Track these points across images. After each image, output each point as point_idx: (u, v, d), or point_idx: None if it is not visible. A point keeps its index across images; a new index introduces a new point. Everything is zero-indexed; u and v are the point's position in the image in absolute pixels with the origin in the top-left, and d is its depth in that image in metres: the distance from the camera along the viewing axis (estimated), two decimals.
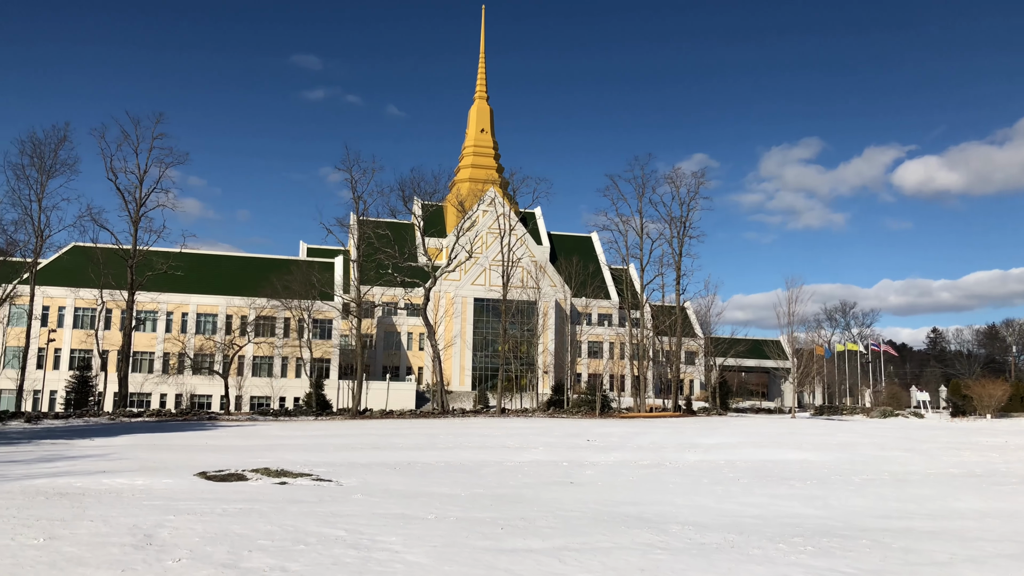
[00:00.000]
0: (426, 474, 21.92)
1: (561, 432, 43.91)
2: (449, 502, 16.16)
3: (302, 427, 49.90)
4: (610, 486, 19.50)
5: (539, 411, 71.99)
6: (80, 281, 76.43)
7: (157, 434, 41.77)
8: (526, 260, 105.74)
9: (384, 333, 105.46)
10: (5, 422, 55.03)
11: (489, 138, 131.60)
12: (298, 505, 15.45)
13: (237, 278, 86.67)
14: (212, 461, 24.96)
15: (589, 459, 27.31)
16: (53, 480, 19.32)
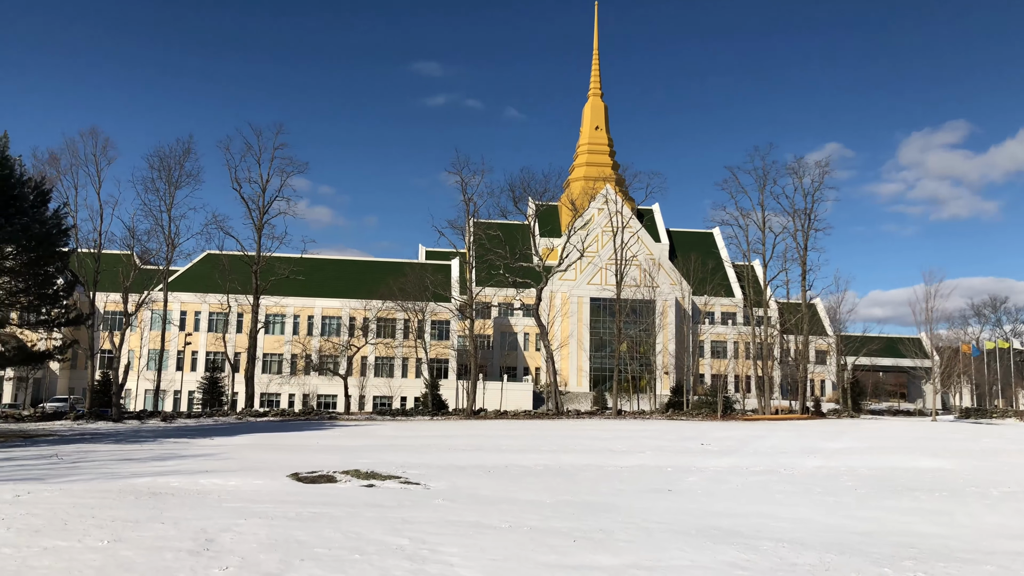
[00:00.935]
0: (519, 478, 21.15)
1: (675, 435, 42.25)
2: (531, 509, 15.30)
3: (415, 427, 50.25)
4: (710, 495, 18.12)
5: (657, 413, 70.08)
6: (211, 287, 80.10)
7: (275, 434, 42.94)
8: (643, 258, 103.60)
9: (500, 334, 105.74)
10: (144, 420, 58.24)
11: (604, 135, 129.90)
12: (374, 510, 14.97)
13: (356, 281, 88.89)
14: (313, 461, 25.07)
15: (697, 464, 25.82)
16: (154, 480, 19.71)
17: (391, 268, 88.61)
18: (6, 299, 40.84)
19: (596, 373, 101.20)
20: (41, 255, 42.66)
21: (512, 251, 74.85)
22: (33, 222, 40.43)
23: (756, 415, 67.65)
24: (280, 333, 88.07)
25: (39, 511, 14.12)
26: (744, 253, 77.05)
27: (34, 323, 43.67)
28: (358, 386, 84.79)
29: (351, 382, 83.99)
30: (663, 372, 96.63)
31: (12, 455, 28.36)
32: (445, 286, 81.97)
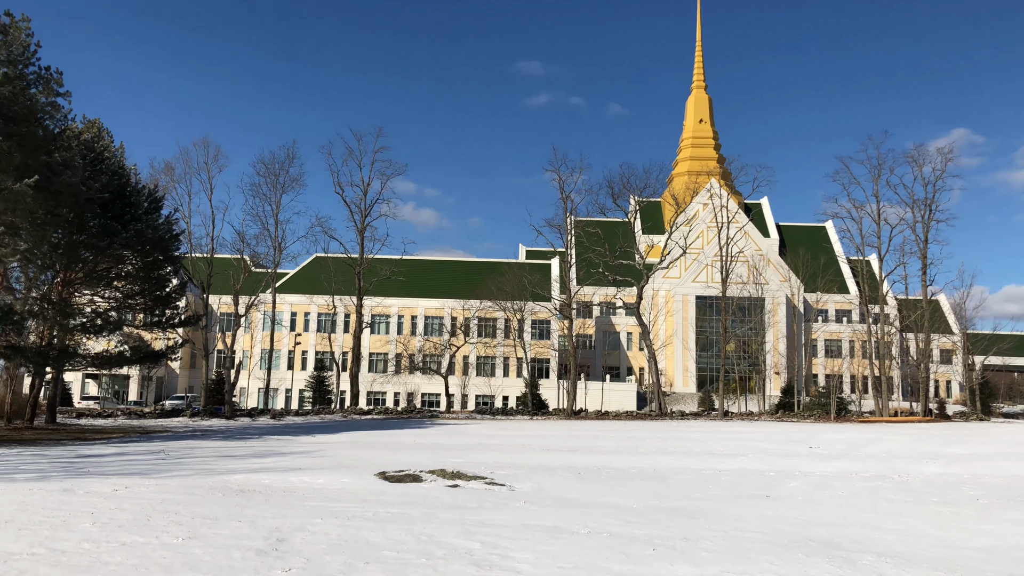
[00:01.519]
0: (610, 481, 20.42)
1: (782, 438, 40.45)
2: (614, 514, 14.60)
3: (512, 427, 50.02)
4: (811, 502, 16.92)
5: (766, 415, 67.58)
6: (318, 289, 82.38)
7: (374, 432, 43.51)
8: (751, 253, 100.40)
9: (602, 333, 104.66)
10: (254, 418, 60.31)
11: (708, 128, 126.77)
12: (453, 511, 14.61)
13: (457, 281, 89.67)
14: (404, 460, 25.04)
15: (802, 469, 24.40)
16: (247, 477, 20.01)
17: (490, 268, 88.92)
18: (123, 302, 42.93)
19: (702, 373, 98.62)
20: (155, 259, 44.71)
21: (612, 249, 73.71)
22: (146, 228, 42.36)
23: (873, 417, 64.20)
24: (384, 333, 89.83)
25: (128, 506, 14.43)
26: (858, 247, 73.33)
27: (148, 324, 45.77)
28: (460, 385, 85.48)
29: (453, 381, 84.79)
30: (773, 372, 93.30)
31: (125, 450, 29.62)
32: (544, 285, 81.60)
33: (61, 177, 36.26)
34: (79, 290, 43.00)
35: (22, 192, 32.64)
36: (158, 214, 45.08)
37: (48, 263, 38.08)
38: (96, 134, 47.02)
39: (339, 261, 72.15)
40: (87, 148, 43.32)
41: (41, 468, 22.01)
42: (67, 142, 40.12)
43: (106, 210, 42.74)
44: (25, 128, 35.88)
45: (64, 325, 38.85)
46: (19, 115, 35.42)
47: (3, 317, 32.63)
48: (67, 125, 43.79)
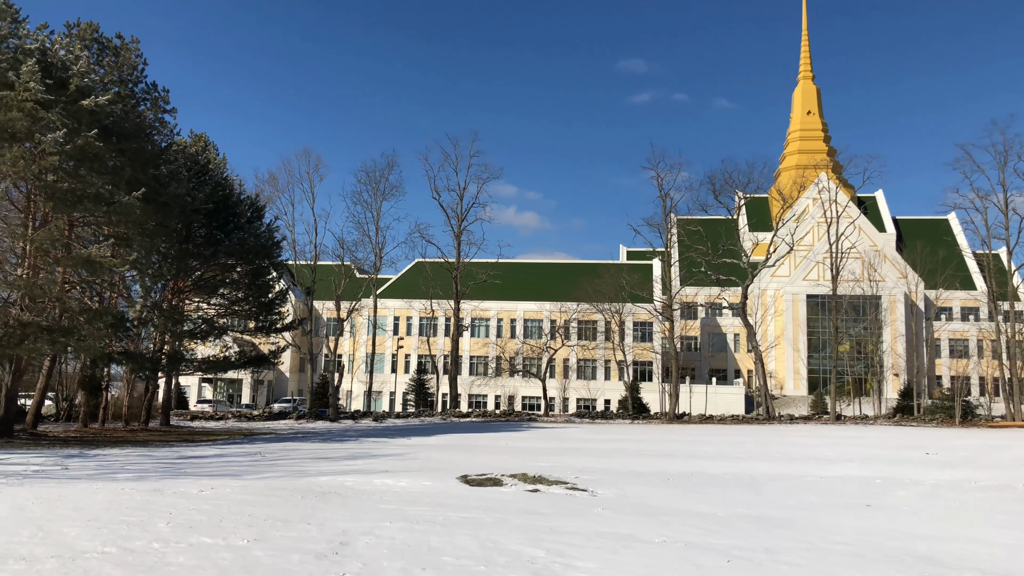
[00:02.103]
0: (699, 487, 19.52)
1: (897, 443, 38.11)
2: (696, 522, 13.81)
3: (610, 431, 49.15)
4: (916, 513, 15.60)
5: (882, 418, 64.11)
6: (420, 293, 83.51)
7: (469, 434, 43.58)
8: (865, 249, 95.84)
9: (708, 334, 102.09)
10: (357, 420, 61.56)
11: (816, 120, 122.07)
12: (526, 516, 14.16)
13: (555, 284, 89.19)
14: (491, 463, 24.77)
15: (913, 477, 22.73)
16: (332, 479, 20.13)
17: (587, 269, 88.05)
18: (229, 308, 44.51)
19: (814, 376, 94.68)
20: (258, 266, 46.21)
21: (715, 247, 71.68)
22: (248, 236, 43.83)
23: (1004, 422, 59.88)
24: (484, 336, 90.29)
25: (207, 507, 14.62)
26: (983, 240, 68.66)
27: (253, 329, 47.31)
28: (560, 388, 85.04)
29: (553, 384, 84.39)
30: (891, 374, 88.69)
31: (225, 452, 30.54)
32: (645, 287, 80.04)
33: (167, 189, 37.90)
34: (188, 298, 44.85)
35: (131, 204, 34.21)
36: (260, 223, 46.61)
37: (158, 272, 39.86)
38: (202, 148, 49.04)
39: (438, 266, 72.98)
40: (192, 161, 45.21)
41: (143, 468, 22.83)
42: (173, 156, 41.96)
43: (211, 220, 44.51)
44: (135, 144, 37.69)
45: (174, 331, 40.61)
46: (129, 131, 37.23)
47: (117, 325, 34.27)
48: (175, 140, 45.89)
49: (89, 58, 37.51)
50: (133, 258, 34.34)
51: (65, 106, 33.82)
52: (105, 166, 36.47)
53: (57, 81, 34.62)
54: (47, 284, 33.73)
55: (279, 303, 48.05)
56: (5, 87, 32.81)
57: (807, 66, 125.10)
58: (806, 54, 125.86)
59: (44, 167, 32.94)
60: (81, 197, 34.58)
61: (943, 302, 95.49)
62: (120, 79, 39.96)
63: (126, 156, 38.25)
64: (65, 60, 35.38)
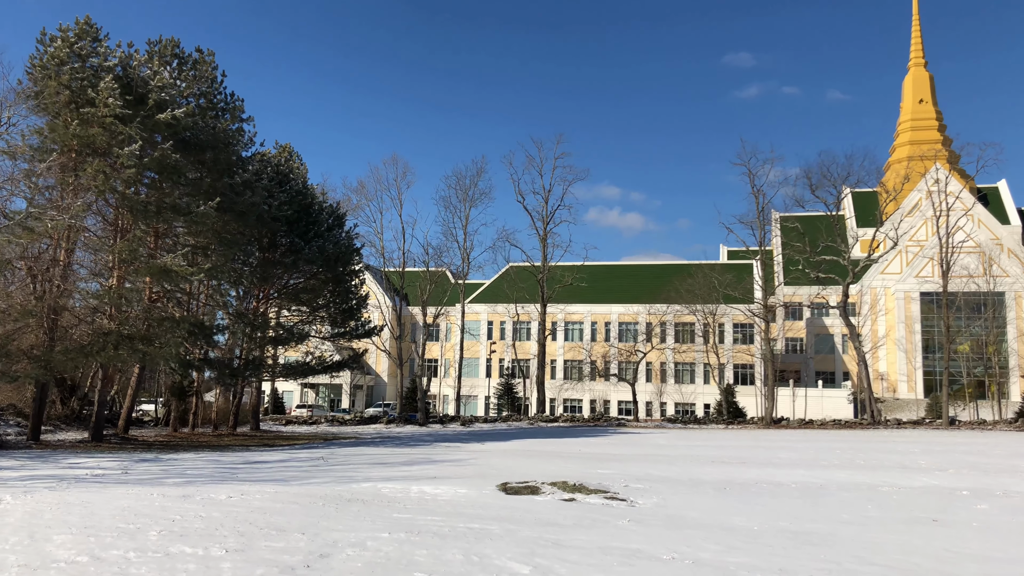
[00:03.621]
0: (754, 497, 18.08)
1: (1007, 451, 34.98)
2: (721, 537, 12.59)
3: (698, 436, 47.31)
4: (988, 530, 13.81)
5: (1003, 423, 59.46)
6: (511, 298, 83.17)
7: (548, 439, 42.70)
8: (985, 242, 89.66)
9: (814, 336, 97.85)
10: (445, 424, 61.70)
11: (930, 108, 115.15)
12: (539, 528, 13.28)
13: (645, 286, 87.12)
14: (549, 470, 23.91)
15: (1009, 488, 20.50)
16: (374, 485, 19.72)
17: (680, 270, 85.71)
18: (311, 314, 45.23)
19: (930, 378, 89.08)
20: (338, 273, 46.79)
21: (813, 244, 68.32)
22: (327, 243, 44.39)
23: None
24: (575, 340, 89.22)
25: (217, 514, 14.38)
26: None
27: (333, 335, 47.93)
28: (656, 392, 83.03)
29: (647, 388, 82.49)
30: (1020, 375, 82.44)
31: (293, 456, 30.78)
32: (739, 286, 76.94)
33: (243, 198, 38.74)
34: (274, 305, 45.83)
35: (206, 213, 35.10)
36: (339, 230, 47.22)
37: (236, 280, 40.85)
38: (286, 158, 50.15)
39: (526, 270, 72.46)
40: (275, 171, 46.21)
41: (200, 473, 23.07)
42: (253, 165, 42.95)
43: (293, 228, 45.36)
44: (213, 154, 38.71)
45: (254, 338, 41.55)
46: (207, 142, 38.27)
47: (196, 332, 35.23)
48: (259, 150, 47.04)
49: (169, 72, 38.81)
50: (208, 267, 35.22)
51: (143, 120, 35.05)
52: (184, 177, 37.63)
53: (137, 96, 35.94)
54: (130, 294, 34.93)
55: (359, 309, 48.59)
56: (86, 104, 34.26)
57: (919, 52, 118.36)
58: (917, 39, 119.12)
59: (122, 180, 34.18)
60: (161, 208, 35.74)
61: None
62: (199, 92, 41.21)
63: (205, 167, 39.42)
64: (145, 76, 36.69)
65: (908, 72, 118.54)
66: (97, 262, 37.15)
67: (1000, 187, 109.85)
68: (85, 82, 34.55)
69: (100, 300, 34.21)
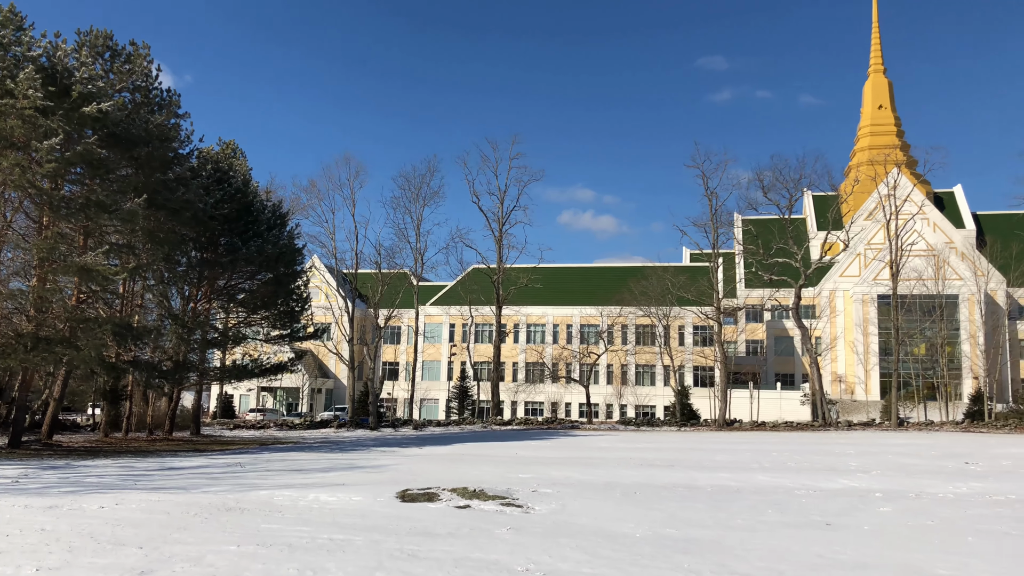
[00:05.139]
0: (661, 502, 17.50)
1: (941, 451, 34.84)
2: (594, 546, 11.97)
3: (645, 439, 46.83)
4: (876, 534, 13.34)
5: (949, 424, 59.77)
6: (470, 300, 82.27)
7: (491, 443, 41.97)
8: (939, 246, 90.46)
9: (774, 338, 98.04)
10: (397, 428, 60.77)
11: (889, 114, 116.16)
12: (407, 539, 12.60)
13: (602, 288, 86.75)
14: (469, 475, 23.23)
15: (926, 490, 20.14)
16: (270, 493, 18.92)
17: (635, 272, 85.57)
18: (249, 316, 44.15)
19: (886, 380, 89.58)
20: (280, 274, 45.77)
21: (767, 247, 68.35)
22: (266, 243, 43.35)
23: None
24: (536, 342, 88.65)
25: (64, 526, 13.56)
26: None
27: (274, 338, 46.87)
28: (616, 394, 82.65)
29: (607, 390, 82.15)
30: (972, 377, 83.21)
31: (212, 462, 29.81)
32: (692, 288, 76.64)
33: (176, 195, 37.64)
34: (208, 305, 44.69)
35: (133, 211, 33.98)
36: (280, 230, 46.18)
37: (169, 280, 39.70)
38: (229, 154, 49.01)
39: (486, 272, 71.81)
40: (215, 168, 45.10)
41: (101, 481, 22.07)
42: (190, 162, 41.82)
43: (232, 228, 44.28)
44: (146, 150, 37.57)
45: (187, 340, 40.41)
46: (139, 138, 37.09)
47: (121, 334, 34.08)
48: (199, 147, 45.86)
49: (98, 65, 37.63)
50: (133, 266, 34.08)
51: (67, 113, 33.84)
52: (112, 173, 36.45)
53: (61, 88, 34.69)
54: (51, 294, 33.72)
55: (302, 310, 47.59)
56: (5, 95, 32.98)
57: (878, 58, 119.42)
58: (876, 46, 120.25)
59: (44, 174, 32.98)
60: (84, 205, 34.52)
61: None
62: (133, 86, 40.04)
63: (138, 163, 38.24)
64: (71, 67, 35.48)
65: (868, 78, 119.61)
66: (16, 260, 35.86)
67: (956, 192, 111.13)
68: (4, 72, 33.28)
69: (15, 300, 32.96)
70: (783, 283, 70.56)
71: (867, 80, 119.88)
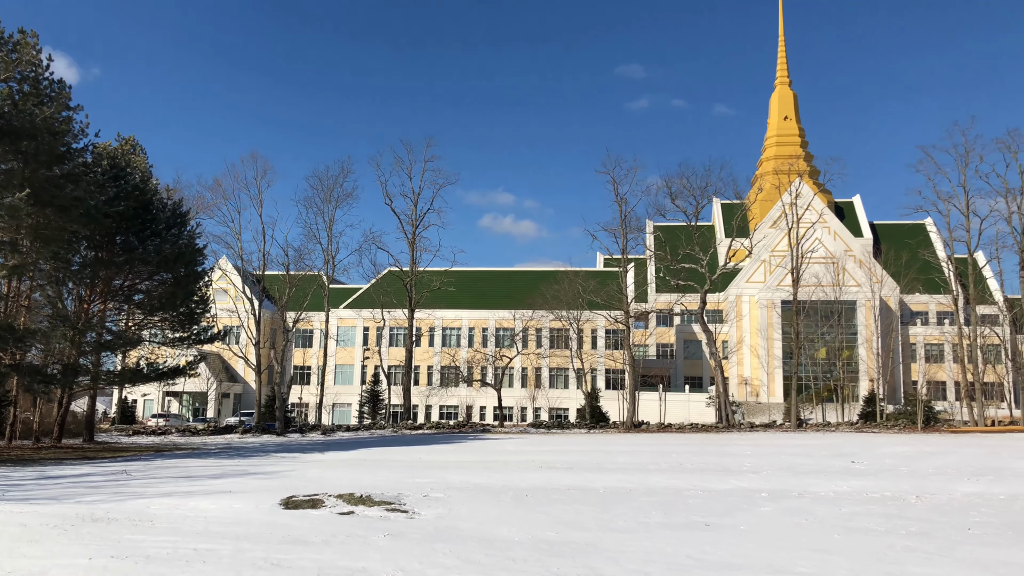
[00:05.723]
0: (545, 505, 17.49)
1: (831, 451, 36.10)
2: (469, 551, 11.84)
3: (552, 441, 47.05)
4: (750, 534, 13.62)
5: (844, 425, 62.11)
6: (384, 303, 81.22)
7: (398, 448, 41.49)
8: (839, 254, 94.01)
9: (683, 341, 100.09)
10: (305, 434, 59.44)
11: (793, 125, 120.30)
12: (275, 548, 12.21)
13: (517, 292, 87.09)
14: (365, 481, 22.81)
15: (811, 489, 20.76)
16: (149, 502, 18.17)
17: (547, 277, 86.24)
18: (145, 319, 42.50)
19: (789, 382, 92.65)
20: (179, 275, 44.21)
21: (674, 252, 69.78)
22: (164, 243, 41.81)
23: (965, 427, 57.91)
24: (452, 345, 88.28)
25: None
26: (945, 242, 66.94)
27: (172, 340, 45.28)
28: (530, 397, 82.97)
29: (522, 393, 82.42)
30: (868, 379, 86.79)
31: (97, 470, 28.52)
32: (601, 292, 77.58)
33: (64, 191, 35.94)
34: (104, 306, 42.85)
35: (15, 206, 32.28)
36: (180, 229, 44.60)
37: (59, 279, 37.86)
38: (127, 151, 47.12)
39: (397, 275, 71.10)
40: (111, 164, 43.26)
41: None
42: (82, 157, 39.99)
43: (128, 226, 42.56)
44: (32, 143, 35.75)
45: (76, 342, 38.59)
46: (23, 130, 35.28)
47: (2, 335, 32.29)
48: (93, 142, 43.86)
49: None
50: (13, 263, 32.33)
51: None
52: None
53: None
54: None
55: (203, 312, 46.07)
56: None
57: (784, 71, 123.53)
58: (783, 59, 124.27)
59: None
60: None
61: (919, 306, 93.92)
62: (20, 76, 38.06)
63: (23, 156, 36.36)
64: None
65: (775, 90, 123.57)
66: None
67: (855, 202, 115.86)
68: None
69: None
70: (690, 288, 72.14)
71: (774, 92, 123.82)
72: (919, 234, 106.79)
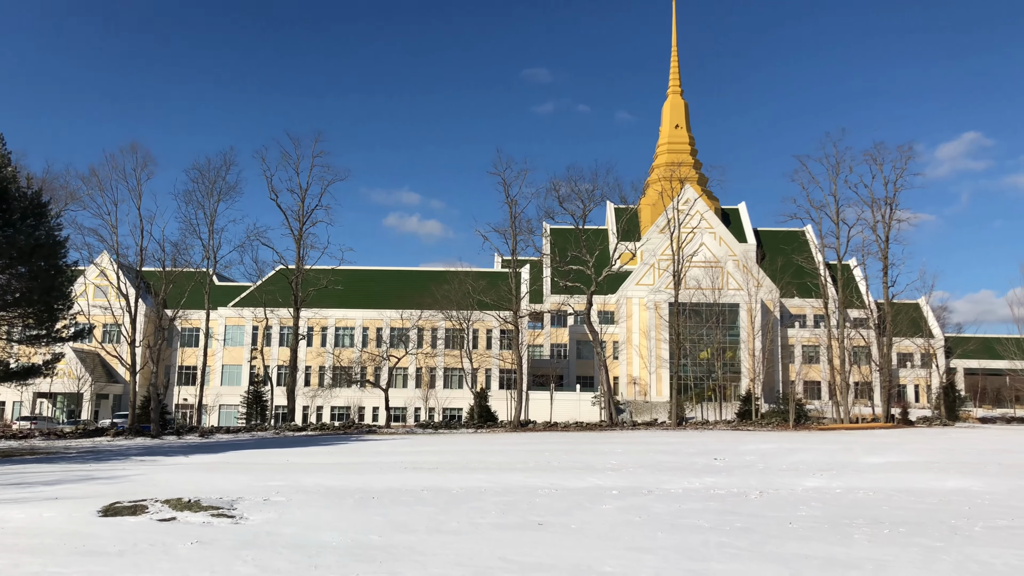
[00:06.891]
0: (385, 508, 17.05)
1: (697, 449, 36.97)
2: (281, 559, 11.32)
3: (434, 441, 46.61)
4: (577, 533, 13.61)
5: (722, 423, 64.03)
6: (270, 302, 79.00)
7: (272, 450, 40.25)
8: (724, 258, 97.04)
9: (576, 342, 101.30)
10: (181, 436, 57.16)
11: (684, 133, 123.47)
12: (64, 559, 11.38)
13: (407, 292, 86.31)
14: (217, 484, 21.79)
15: (661, 486, 21.03)
16: None
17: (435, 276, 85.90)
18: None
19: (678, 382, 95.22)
20: (37, 268, 41.65)
21: (563, 255, 70.49)
22: (19, 234, 39.28)
23: (832, 425, 60.63)
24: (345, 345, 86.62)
25: None
26: (819, 249, 70.07)
27: (28, 338, 42.68)
28: (423, 397, 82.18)
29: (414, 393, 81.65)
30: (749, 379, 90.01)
31: None
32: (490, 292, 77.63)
33: None
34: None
35: None
36: (40, 220, 41.97)
37: None
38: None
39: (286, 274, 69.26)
40: None
41: None
42: None
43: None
44: None
45: None
46: None
47: None
48: None
49: None
50: None
51: None
52: None
53: None
54: None
55: (65, 309, 43.55)
56: None
57: (676, 80, 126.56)
58: (675, 69, 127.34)
59: None
60: None
61: (797, 309, 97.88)
62: None
63: None
64: None
65: (667, 98, 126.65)
66: None
67: (740, 208, 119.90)
68: None
69: None
70: (578, 290, 73.01)
71: (666, 100, 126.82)
72: (799, 240, 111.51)
